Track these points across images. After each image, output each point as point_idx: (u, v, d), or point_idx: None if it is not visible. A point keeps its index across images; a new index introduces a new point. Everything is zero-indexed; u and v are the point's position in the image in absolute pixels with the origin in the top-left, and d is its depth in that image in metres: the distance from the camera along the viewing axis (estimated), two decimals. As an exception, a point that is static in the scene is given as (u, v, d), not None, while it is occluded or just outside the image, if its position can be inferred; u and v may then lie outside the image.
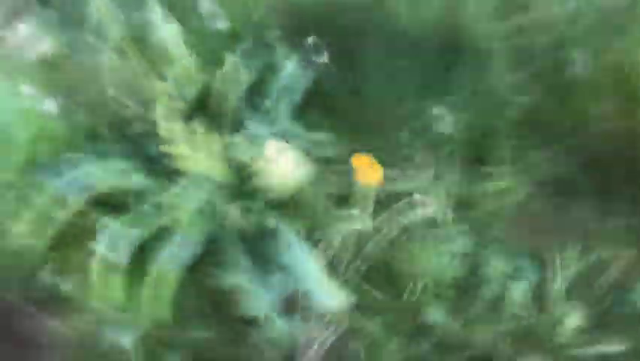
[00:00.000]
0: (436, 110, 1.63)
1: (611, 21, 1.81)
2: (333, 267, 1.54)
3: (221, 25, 1.68)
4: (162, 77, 1.59)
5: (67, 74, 1.66)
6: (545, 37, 1.76)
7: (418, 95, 1.72)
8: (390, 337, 1.52)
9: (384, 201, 1.54)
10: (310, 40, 1.64)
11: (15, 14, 1.69)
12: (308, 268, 1.52)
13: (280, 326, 1.50)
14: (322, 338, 1.51)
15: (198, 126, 1.54)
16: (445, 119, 1.63)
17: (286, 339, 1.51)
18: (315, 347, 1.50)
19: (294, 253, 1.54)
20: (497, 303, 1.53)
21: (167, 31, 1.64)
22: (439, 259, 1.54)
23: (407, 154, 1.64)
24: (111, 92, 1.59)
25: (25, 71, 1.64)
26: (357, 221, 1.48)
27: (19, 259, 1.60)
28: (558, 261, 1.52)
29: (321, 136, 1.57)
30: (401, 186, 1.58)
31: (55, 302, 1.60)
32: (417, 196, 1.51)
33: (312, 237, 1.55)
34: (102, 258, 1.51)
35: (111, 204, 1.57)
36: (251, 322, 1.54)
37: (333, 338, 1.50)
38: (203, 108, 1.61)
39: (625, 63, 1.75)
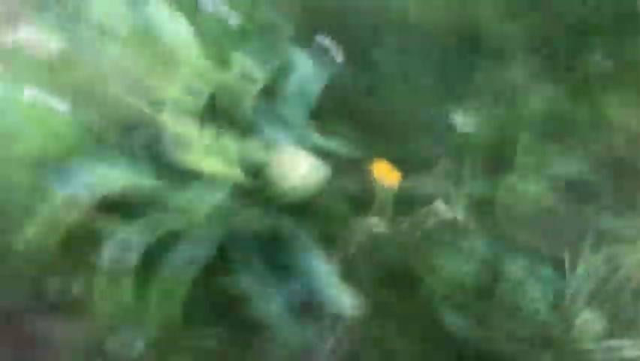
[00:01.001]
0: (455, 112, 1.61)
1: (630, 15, 1.79)
2: (348, 272, 1.52)
3: (233, 23, 1.66)
4: (172, 78, 1.57)
5: (75, 73, 1.63)
6: (564, 34, 1.75)
7: (436, 96, 1.71)
8: (405, 343, 1.50)
9: (402, 206, 1.52)
10: (324, 39, 1.62)
11: (19, 13, 1.67)
12: (322, 272, 1.50)
13: (292, 331, 1.49)
14: (335, 343, 1.49)
15: (210, 128, 1.52)
16: (464, 121, 1.61)
17: (298, 344, 1.49)
18: (328, 352, 1.48)
19: (308, 258, 1.52)
20: (516, 308, 1.51)
21: (177, 31, 1.61)
22: (458, 265, 1.52)
23: (426, 157, 1.63)
24: (120, 92, 1.57)
25: (32, 71, 1.62)
26: (374, 226, 1.46)
27: (27, 261, 1.58)
28: (579, 265, 1.50)
29: (336, 139, 1.55)
30: (419, 190, 1.56)
31: (62, 305, 1.58)
32: (436, 200, 1.49)
33: (327, 241, 1.53)
34: (111, 261, 1.49)
35: (121, 207, 1.56)
36: (263, 326, 1.52)
37: (347, 343, 1.48)
38: (215, 110, 1.59)
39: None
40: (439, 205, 1.47)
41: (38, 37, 1.60)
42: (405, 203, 1.55)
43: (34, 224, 1.55)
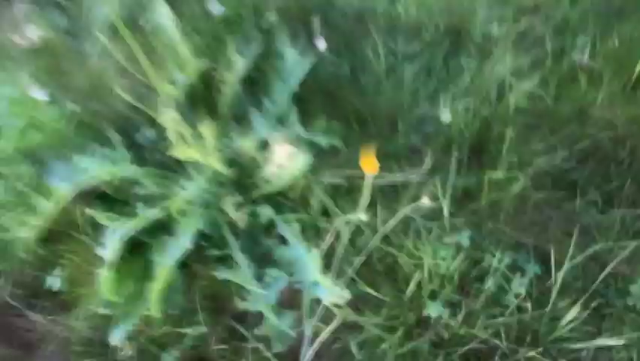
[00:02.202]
0: (436, 100, 1.59)
1: (611, 6, 1.78)
2: (331, 262, 1.51)
3: (218, 10, 1.64)
4: (156, 68, 1.56)
5: (59, 61, 1.63)
6: (546, 23, 1.74)
7: (418, 84, 1.70)
8: (388, 332, 1.49)
9: (383, 194, 1.51)
10: (309, 26, 1.61)
11: (6, 2, 1.66)
12: (306, 263, 1.49)
13: (277, 322, 1.47)
14: (319, 333, 1.48)
15: (192, 118, 1.50)
16: (445, 110, 1.60)
17: (283, 335, 1.48)
18: (312, 343, 1.47)
19: (292, 248, 1.51)
20: (496, 297, 1.50)
21: (163, 18, 1.60)
22: (438, 253, 1.51)
23: (406, 145, 1.61)
24: (104, 78, 1.56)
25: (16, 59, 1.61)
26: (356, 214, 1.45)
27: (8, 253, 1.57)
28: (557, 254, 1.49)
29: (319, 127, 1.53)
30: (400, 178, 1.54)
31: (45, 299, 1.58)
32: (420, 193, 1.48)
33: (311, 231, 1.52)
34: (94, 252, 1.48)
35: (104, 196, 1.55)
36: (247, 318, 1.51)
37: (331, 333, 1.47)
38: (200, 96, 1.58)
39: (626, 49, 1.73)
40: (424, 198, 1.46)
41: (24, 25, 1.59)
42: (389, 195, 1.54)
43: (15, 214, 1.54)
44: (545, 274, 1.51)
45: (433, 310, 1.49)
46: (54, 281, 1.58)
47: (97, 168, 1.52)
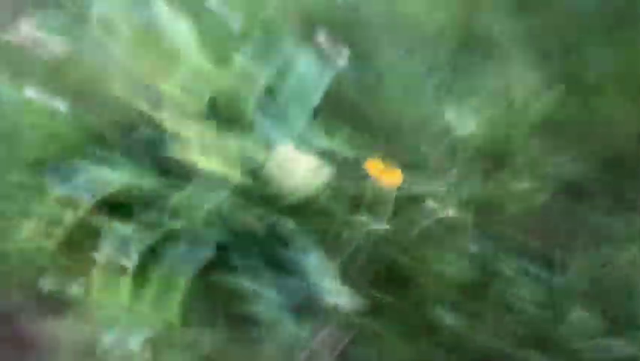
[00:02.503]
0: (456, 112, 1.62)
1: (631, 16, 1.79)
2: (346, 270, 1.52)
3: (234, 22, 1.66)
4: (174, 78, 1.57)
5: (75, 74, 1.63)
6: (565, 34, 1.75)
7: (437, 95, 1.71)
8: (401, 340, 1.51)
9: (402, 205, 1.53)
10: (326, 39, 1.62)
11: (20, 13, 1.66)
12: (321, 271, 1.50)
13: (291, 329, 1.49)
14: (333, 341, 1.50)
15: (211, 128, 1.52)
16: (464, 121, 1.62)
17: (297, 342, 1.50)
18: (326, 350, 1.49)
19: (308, 258, 1.53)
20: (509, 306, 1.53)
21: (177, 29, 1.61)
22: (452, 264, 1.53)
23: (425, 157, 1.63)
24: (121, 92, 1.57)
25: (32, 71, 1.62)
26: (373, 225, 1.47)
27: (26, 262, 1.57)
28: (572, 264, 1.52)
29: (337, 138, 1.55)
30: (418, 189, 1.57)
31: (61, 306, 1.58)
32: (434, 200, 1.50)
33: (327, 240, 1.54)
34: (109, 260, 1.49)
35: (120, 206, 1.55)
36: (262, 325, 1.53)
37: (345, 341, 1.49)
38: (215, 109, 1.59)
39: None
40: (436, 205, 1.48)
41: (39, 36, 1.59)
42: (402, 202, 1.56)
43: (32, 223, 1.54)
44: (553, 278, 1.53)
45: (447, 318, 1.51)
46: (71, 290, 1.58)
47: (115, 178, 1.53)
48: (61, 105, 1.57)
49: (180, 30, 1.59)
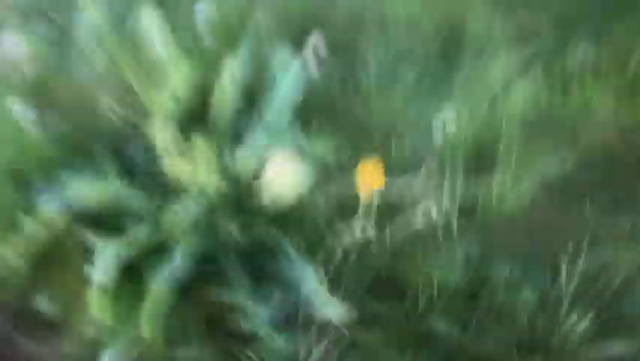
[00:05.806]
0: (439, 112, 1.60)
1: (611, 7, 1.79)
2: (334, 279, 1.50)
3: (216, 30, 1.64)
4: (157, 87, 1.55)
5: (57, 87, 1.62)
6: (546, 29, 1.75)
7: (420, 95, 1.70)
8: (392, 349, 1.48)
9: (387, 209, 1.51)
10: (309, 41, 1.61)
11: (3, 25, 1.65)
12: (308, 282, 1.48)
13: (279, 342, 1.46)
14: (323, 352, 1.47)
15: (195, 137, 1.50)
16: (447, 121, 1.60)
17: (286, 355, 1.47)
18: (317, 361, 1.47)
19: (295, 268, 1.50)
20: (503, 309, 1.50)
21: (161, 39, 1.60)
22: (443, 268, 1.51)
23: (410, 158, 1.61)
24: (104, 104, 1.55)
25: (12, 84, 1.60)
26: (359, 230, 1.45)
27: (4, 281, 1.55)
28: (565, 264, 1.50)
29: (321, 142, 1.53)
30: (404, 192, 1.54)
31: (42, 326, 1.55)
32: (421, 202, 1.47)
33: (314, 249, 1.52)
34: (91, 278, 1.46)
35: (102, 221, 1.53)
36: (249, 338, 1.50)
37: (335, 352, 1.47)
38: (199, 118, 1.57)
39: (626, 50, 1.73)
40: (425, 207, 1.46)
41: (20, 50, 1.58)
42: (390, 205, 1.53)
43: (10, 241, 1.52)
44: (553, 285, 1.51)
45: (439, 326, 1.49)
46: (44, 305, 1.55)
47: (96, 193, 1.51)
48: (40, 118, 1.55)
49: (163, 38, 1.58)
